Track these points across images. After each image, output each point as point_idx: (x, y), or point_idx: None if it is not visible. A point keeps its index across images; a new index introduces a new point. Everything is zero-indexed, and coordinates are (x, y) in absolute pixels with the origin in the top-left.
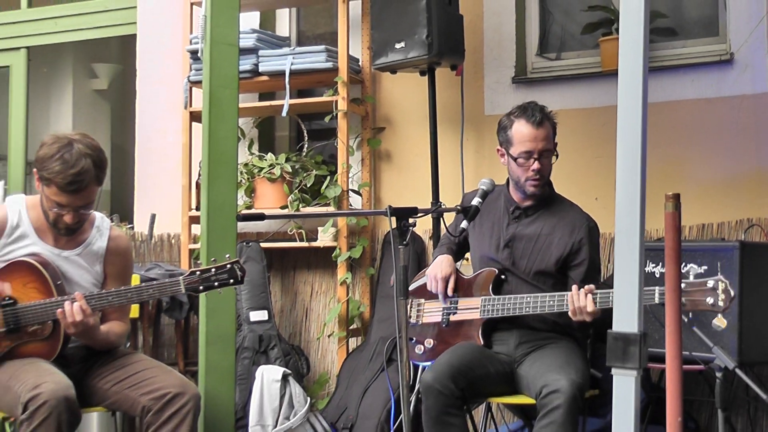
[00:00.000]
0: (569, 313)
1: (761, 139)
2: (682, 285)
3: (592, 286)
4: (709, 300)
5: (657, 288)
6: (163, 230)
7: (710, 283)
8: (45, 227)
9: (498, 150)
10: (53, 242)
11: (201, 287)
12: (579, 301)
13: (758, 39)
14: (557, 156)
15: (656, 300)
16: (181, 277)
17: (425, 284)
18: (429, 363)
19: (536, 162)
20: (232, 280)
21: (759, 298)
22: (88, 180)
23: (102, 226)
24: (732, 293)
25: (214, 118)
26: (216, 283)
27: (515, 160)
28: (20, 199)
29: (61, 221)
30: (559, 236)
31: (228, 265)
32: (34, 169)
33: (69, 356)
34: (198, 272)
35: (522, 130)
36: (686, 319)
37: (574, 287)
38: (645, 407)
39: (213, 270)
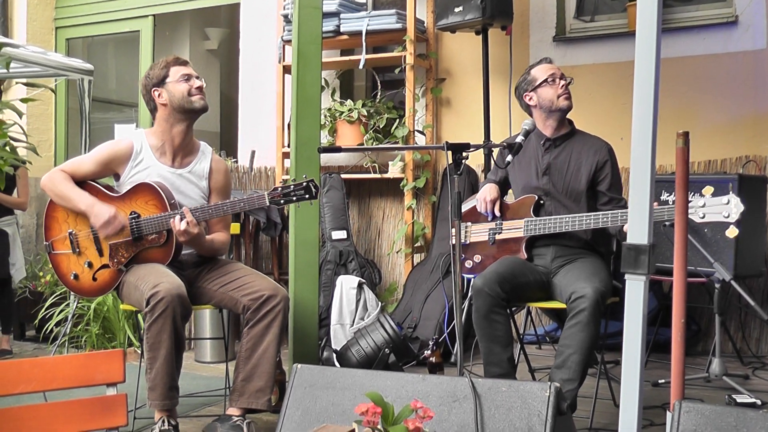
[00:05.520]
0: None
1: (759, 88)
2: (702, 202)
3: None
4: (725, 213)
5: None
6: (261, 164)
7: (725, 200)
8: (163, 150)
9: (526, 96)
10: (170, 163)
11: (282, 200)
12: None
13: (758, 3)
14: (572, 79)
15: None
16: (266, 192)
17: (473, 207)
18: (474, 276)
19: (561, 81)
20: (307, 195)
21: (752, 222)
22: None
23: (206, 151)
24: (743, 207)
25: (301, 69)
26: (294, 197)
27: (545, 82)
28: (140, 131)
29: (193, 90)
30: (585, 158)
31: (305, 183)
32: (153, 90)
33: (184, 262)
34: (280, 188)
35: (541, 67)
36: (706, 230)
37: None
38: (657, 312)
39: (292, 186)
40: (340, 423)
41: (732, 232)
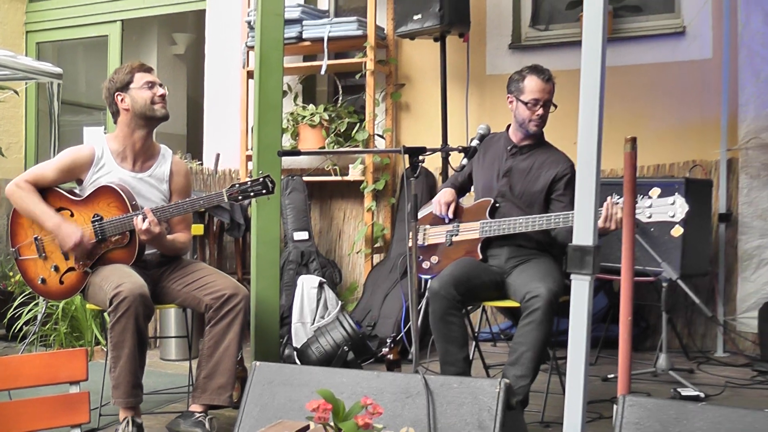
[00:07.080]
0: (600, 222)
1: (705, 96)
2: (649, 203)
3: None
4: (670, 213)
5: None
6: (226, 166)
7: (670, 200)
8: (124, 155)
9: (508, 97)
10: (131, 167)
11: (240, 196)
12: (612, 208)
13: (705, 15)
14: (555, 107)
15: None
16: (224, 190)
17: (431, 212)
18: (432, 276)
19: (540, 108)
20: (264, 191)
21: (698, 223)
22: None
23: (166, 155)
24: (687, 207)
25: (263, 74)
26: (252, 193)
27: (525, 104)
28: (101, 136)
29: (156, 98)
30: (546, 169)
31: (261, 179)
32: (116, 94)
33: (148, 262)
34: (237, 185)
35: (534, 82)
36: (652, 229)
37: (609, 199)
38: (608, 310)
39: (249, 183)
40: (297, 419)
41: (677, 231)
